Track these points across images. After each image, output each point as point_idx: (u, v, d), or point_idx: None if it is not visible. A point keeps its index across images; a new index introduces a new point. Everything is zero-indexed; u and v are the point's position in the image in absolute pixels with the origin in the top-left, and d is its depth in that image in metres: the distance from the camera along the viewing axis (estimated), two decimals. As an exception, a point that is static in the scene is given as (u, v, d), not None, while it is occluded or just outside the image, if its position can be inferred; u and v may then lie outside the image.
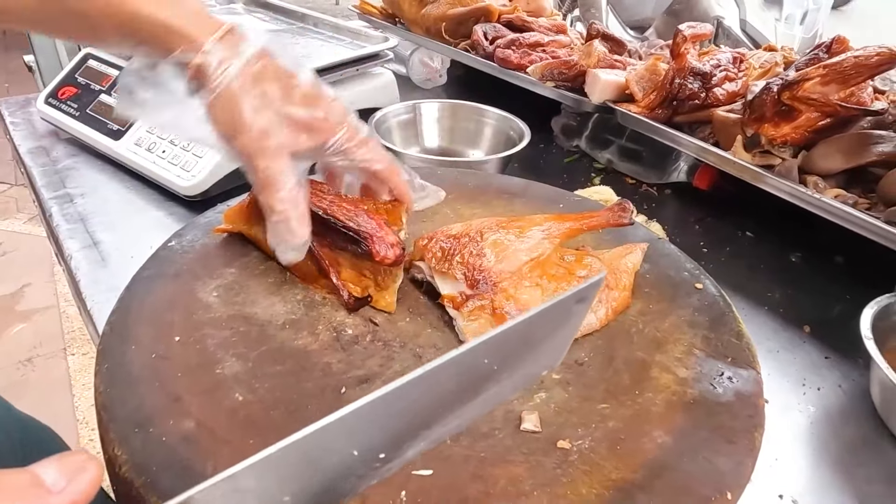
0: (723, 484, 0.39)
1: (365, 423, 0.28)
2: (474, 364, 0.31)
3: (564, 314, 0.34)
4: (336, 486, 0.29)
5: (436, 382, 0.30)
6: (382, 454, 0.30)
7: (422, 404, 0.30)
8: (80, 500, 0.22)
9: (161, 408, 0.41)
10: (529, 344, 0.34)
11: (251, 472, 0.25)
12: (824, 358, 0.69)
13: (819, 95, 0.77)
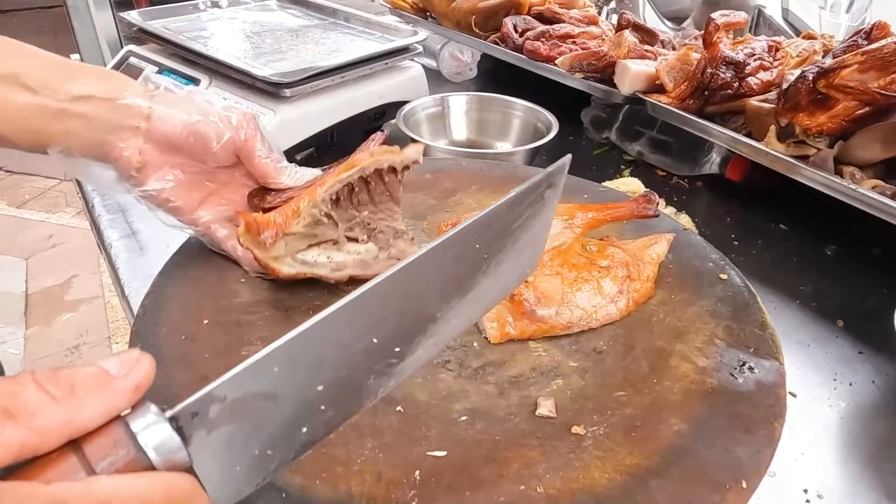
0: (739, 473, 0.39)
1: (376, 305, 0.30)
2: (466, 247, 0.34)
3: (538, 200, 0.38)
4: (360, 381, 0.32)
5: (436, 265, 0.33)
6: (397, 347, 0.32)
7: (425, 290, 0.33)
8: (143, 383, 0.25)
9: (188, 386, 0.43)
10: (511, 232, 0.37)
11: (282, 355, 0.28)
12: (858, 353, 0.67)
13: (857, 83, 0.75)
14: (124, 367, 0.25)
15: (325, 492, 0.36)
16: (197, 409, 0.26)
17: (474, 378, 0.47)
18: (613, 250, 0.54)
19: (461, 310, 0.35)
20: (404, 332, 0.33)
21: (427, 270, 0.33)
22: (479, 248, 0.35)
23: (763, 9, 1.65)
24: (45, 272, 2.40)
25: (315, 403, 0.30)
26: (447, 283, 0.34)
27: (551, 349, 0.49)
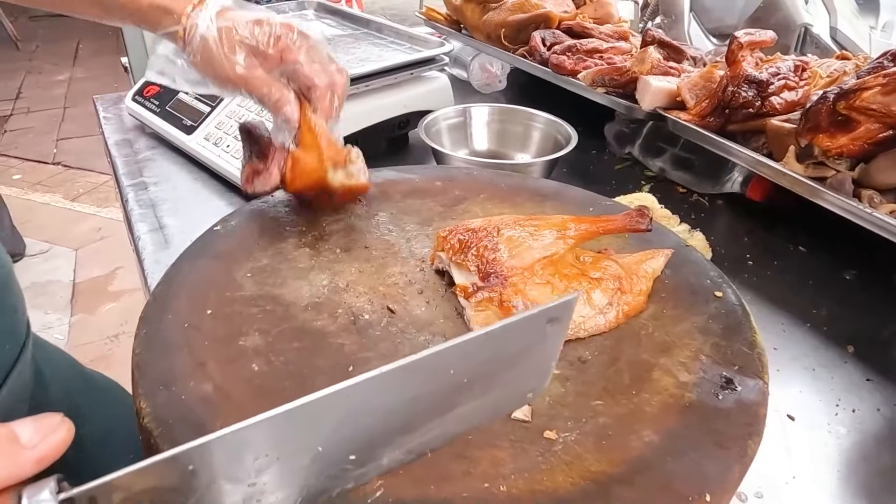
0: (704, 486, 0.39)
1: (335, 411, 0.29)
2: (440, 371, 0.31)
3: (537, 334, 0.34)
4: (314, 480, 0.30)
5: (403, 383, 0.30)
6: (353, 455, 0.30)
7: (393, 404, 0.31)
8: (49, 455, 0.25)
9: (186, 371, 0.46)
10: (502, 360, 0.34)
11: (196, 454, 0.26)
12: (865, 380, 0.66)
13: (879, 106, 0.74)
14: (37, 435, 0.25)
15: (297, 476, 0.38)
16: (95, 495, 0.25)
17: (458, 379, 0.48)
18: (607, 263, 0.55)
19: (440, 426, 0.33)
20: (361, 441, 0.30)
21: (391, 387, 0.30)
22: (453, 373, 0.32)
23: (810, 27, 1.62)
24: (93, 263, 2.52)
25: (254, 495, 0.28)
26: (418, 401, 0.32)
27: (537, 356, 0.50)
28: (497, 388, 0.35)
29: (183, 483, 0.26)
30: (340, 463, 0.31)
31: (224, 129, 0.93)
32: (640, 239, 0.64)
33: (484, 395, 0.34)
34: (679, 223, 0.85)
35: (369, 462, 0.32)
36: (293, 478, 0.29)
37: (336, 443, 0.30)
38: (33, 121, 3.76)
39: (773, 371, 0.65)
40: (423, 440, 0.33)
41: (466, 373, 0.33)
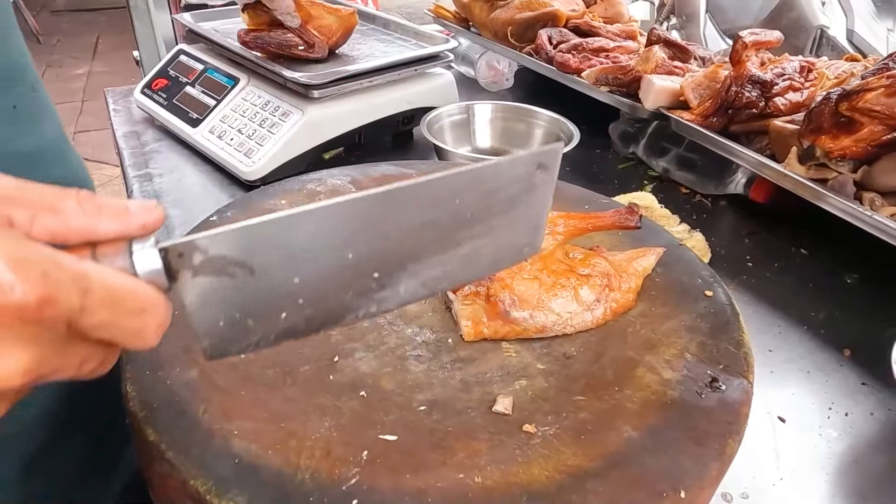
0: (680, 482, 0.39)
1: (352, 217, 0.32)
2: (447, 199, 0.35)
3: (528, 178, 0.37)
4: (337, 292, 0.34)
5: (413, 203, 0.34)
6: (376, 273, 0.34)
7: (403, 222, 0.34)
8: (150, 224, 0.30)
9: (172, 356, 0.46)
10: (497, 200, 0.37)
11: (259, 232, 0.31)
12: (861, 384, 0.65)
13: (883, 107, 0.73)
14: (141, 209, 0.31)
15: (275, 461, 0.39)
16: (182, 251, 0.30)
17: (442, 372, 0.48)
18: (597, 260, 0.55)
19: (447, 262, 0.37)
20: (382, 260, 0.34)
21: (404, 204, 0.34)
22: (458, 203, 0.36)
23: (826, 29, 1.60)
24: (106, 254, 2.55)
25: (293, 294, 0.33)
26: (427, 227, 0.35)
27: (522, 351, 0.51)
28: (495, 233, 0.38)
29: (244, 258, 0.31)
30: (365, 278, 0.34)
31: (228, 122, 0.94)
32: (633, 237, 0.63)
33: (483, 237, 0.37)
34: (679, 223, 0.85)
35: (389, 286, 0.35)
36: (327, 283, 0.33)
37: (360, 255, 0.33)
38: (52, 113, 3.82)
39: (767, 373, 0.65)
40: (432, 274, 0.36)
41: (466, 206, 0.36)
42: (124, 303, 0.27)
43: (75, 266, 0.26)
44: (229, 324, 0.33)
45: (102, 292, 0.27)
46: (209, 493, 0.37)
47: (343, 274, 0.34)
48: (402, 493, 0.38)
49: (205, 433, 0.40)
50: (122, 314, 0.27)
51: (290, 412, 0.43)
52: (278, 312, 0.33)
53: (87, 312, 0.26)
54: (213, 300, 0.32)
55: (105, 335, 0.27)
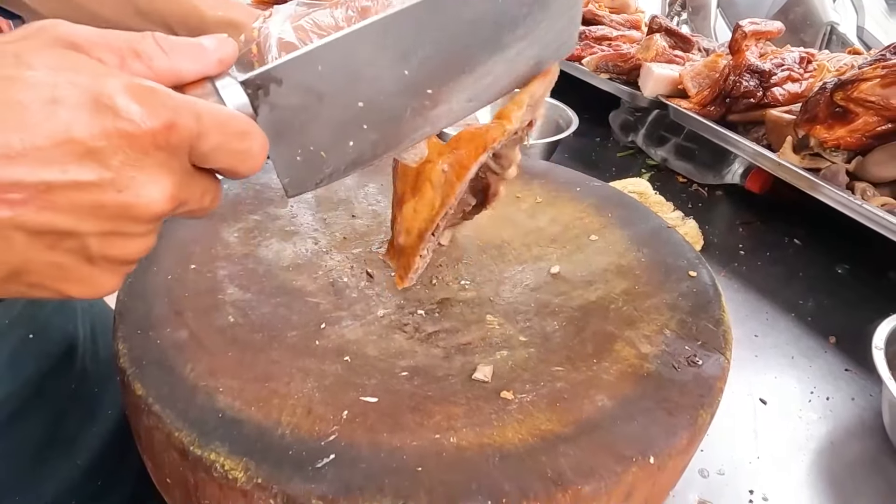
0: (649, 449, 0.40)
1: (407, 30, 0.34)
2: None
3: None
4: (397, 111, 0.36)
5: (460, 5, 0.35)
6: (429, 89, 0.36)
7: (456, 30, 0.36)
8: (226, 58, 0.31)
9: (163, 318, 0.48)
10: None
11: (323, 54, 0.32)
12: (844, 370, 0.66)
13: (878, 98, 0.73)
14: (215, 43, 0.31)
15: (256, 417, 0.40)
16: (260, 83, 0.32)
17: (425, 341, 0.49)
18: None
19: (494, 68, 0.38)
20: (435, 74, 0.36)
21: (452, 7, 0.35)
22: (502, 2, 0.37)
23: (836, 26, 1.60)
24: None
25: (358, 119, 0.35)
26: (475, 29, 0.36)
27: (506, 323, 0.52)
28: (536, 32, 0.39)
29: (314, 84, 0.33)
30: (421, 95, 0.36)
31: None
32: (622, 219, 0.64)
33: (526, 39, 0.39)
34: (673, 210, 0.85)
35: (442, 102, 0.37)
36: (387, 104, 0.36)
37: (414, 69, 0.35)
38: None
39: (751, 357, 0.66)
40: (482, 83, 0.38)
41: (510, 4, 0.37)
42: (230, 126, 0.29)
43: (184, 96, 0.28)
44: (305, 157, 0.35)
45: (211, 118, 0.29)
46: (192, 444, 0.38)
47: (401, 92, 0.36)
48: (378, 450, 0.39)
49: (190, 389, 0.42)
50: (230, 137, 0.29)
51: (274, 373, 0.44)
52: (346, 140, 0.35)
53: (203, 137, 0.28)
54: (290, 133, 0.34)
55: (219, 160, 0.30)
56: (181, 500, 0.42)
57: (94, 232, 0.27)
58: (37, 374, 0.55)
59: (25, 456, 0.54)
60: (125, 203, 0.27)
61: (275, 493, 0.36)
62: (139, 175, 0.27)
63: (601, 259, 0.59)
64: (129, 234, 0.28)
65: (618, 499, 0.39)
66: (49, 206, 0.26)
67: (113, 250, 0.28)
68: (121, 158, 0.26)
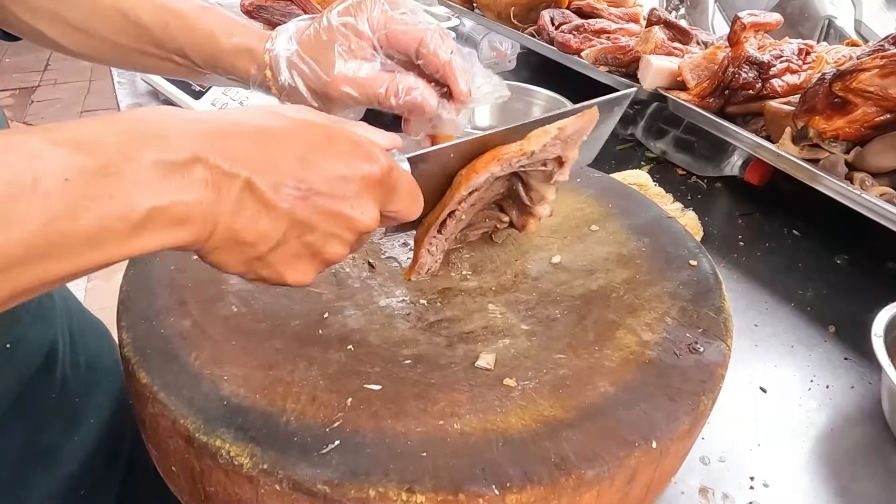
0: (651, 434, 0.40)
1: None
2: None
3: (609, 111, 0.55)
4: None
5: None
6: None
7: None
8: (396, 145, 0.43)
9: (167, 308, 0.48)
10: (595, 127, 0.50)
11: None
12: (843, 359, 0.66)
13: (877, 88, 0.73)
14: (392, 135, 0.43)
15: (261, 404, 0.41)
16: (416, 161, 0.45)
17: (428, 330, 0.50)
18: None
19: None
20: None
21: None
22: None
23: (834, 20, 1.60)
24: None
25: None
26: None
27: (508, 312, 0.52)
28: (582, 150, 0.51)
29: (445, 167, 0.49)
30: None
31: (230, 95, 0.95)
32: (622, 209, 0.64)
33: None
34: (672, 202, 0.86)
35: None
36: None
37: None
38: (60, 92, 3.83)
39: (751, 346, 0.67)
40: None
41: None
42: (412, 182, 0.42)
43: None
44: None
45: (404, 173, 0.41)
46: (198, 431, 0.39)
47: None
48: (383, 436, 0.39)
49: (195, 377, 0.42)
50: (411, 190, 0.42)
51: (278, 361, 0.44)
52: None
53: (400, 185, 0.40)
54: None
55: (400, 206, 0.41)
56: (187, 487, 0.43)
57: (327, 231, 0.37)
58: (16, 384, 0.55)
59: (6, 467, 0.54)
60: (353, 216, 0.37)
61: (280, 479, 0.37)
62: (366, 199, 0.38)
63: (602, 249, 0.59)
64: (343, 240, 0.38)
65: (620, 482, 0.39)
66: (312, 206, 0.35)
67: (328, 249, 0.38)
68: (359, 186, 0.37)
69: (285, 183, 0.34)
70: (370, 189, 0.37)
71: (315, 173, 0.35)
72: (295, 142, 0.35)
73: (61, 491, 0.59)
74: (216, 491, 0.40)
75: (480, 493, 0.36)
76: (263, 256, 0.36)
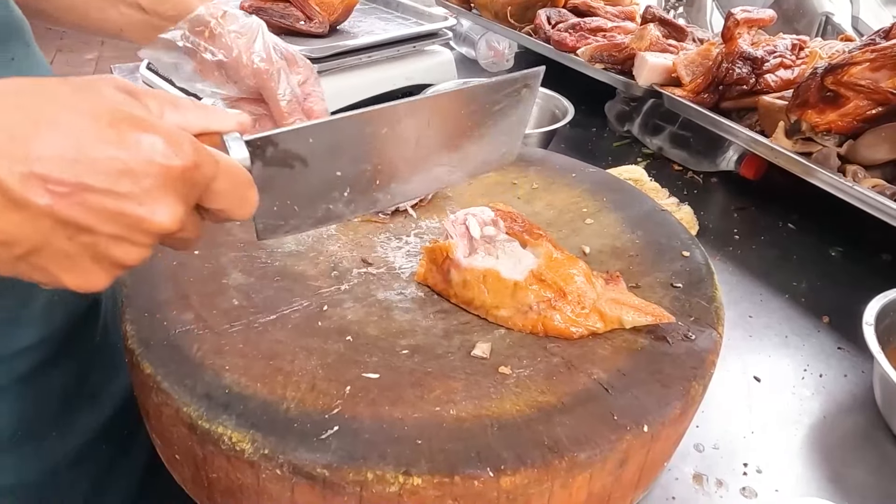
0: (643, 418, 0.41)
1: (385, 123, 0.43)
2: (456, 109, 0.46)
3: (515, 95, 0.49)
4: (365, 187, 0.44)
5: (433, 112, 0.44)
6: (378, 181, 0.45)
7: (421, 128, 0.45)
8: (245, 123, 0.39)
9: (169, 301, 0.49)
10: (491, 112, 0.48)
11: (313, 131, 0.40)
12: (836, 348, 0.67)
13: (868, 82, 0.74)
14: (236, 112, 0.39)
15: (262, 392, 0.42)
16: (260, 144, 0.38)
17: (425, 321, 0.51)
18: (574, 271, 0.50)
19: (448, 162, 0.49)
20: (401, 159, 0.45)
21: (423, 111, 0.44)
22: (464, 113, 0.47)
23: (831, 16, 1.60)
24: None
25: (332, 185, 0.43)
26: (437, 131, 0.46)
27: (503, 304, 0.53)
28: (486, 139, 0.50)
29: (302, 152, 0.40)
30: (370, 184, 0.45)
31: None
32: (616, 202, 0.65)
33: (479, 142, 0.49)
34: (668, 196, 0.87)
35: (406, 182, 0.47)
36: (360, 178, 0.44)
37: (384, 154, 0.44)
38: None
39: (746, 336, 0.68)
40: (439, 171, 0.48)
41: (470, 116, 0.47)
42: (238, 177, 0.36)
43: (208, 147, 0.34)
44: (280, 209, 0.41)
45: (226, 167, 0.35)
46: (200, 419, 0.40)
47: (373, 171, 0.44)
48: (380, 422, 0.40)
49: (197, 367, 0.43)
50: (237, 185, 0.36)
51: (278, 352, 0.45)
52: (320, 200, 0.43)
53: (217, 180, 0.34)
54: (273, 187, 0.40)
55: (222, 202, 0.36)
56: (190, 475, 0.44)
57: (109, 234, 0.32)
58: (66, 326, 0.59)
59: (55, 402, 0.58)
60: (141, 216, 0.32)
61: (281, 464, 0.38)
62: (162, 197, 0.32)
63: (596, 241, 0.60)
64: (135, 242, 0.33)
65: (613, 465, 0.40)
66: (82, 204, 0.30)
67: (117, 252, 0.33)
68: (150, 182, 0.31)
69: (41, 176, 0.29)
70: (169, 184, 0.32)
71: (85, 166, 0.30)
72: (64, 126, 0.30)
73: (104, 428, 0.63)
74: (219, 477, 0.41)
75: (475, 476, 0.37)
76: (25, 258, 0.31)
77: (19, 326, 0.54)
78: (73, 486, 0.60)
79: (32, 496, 0.57)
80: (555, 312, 0.48)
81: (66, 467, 0.59)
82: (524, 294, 0.49)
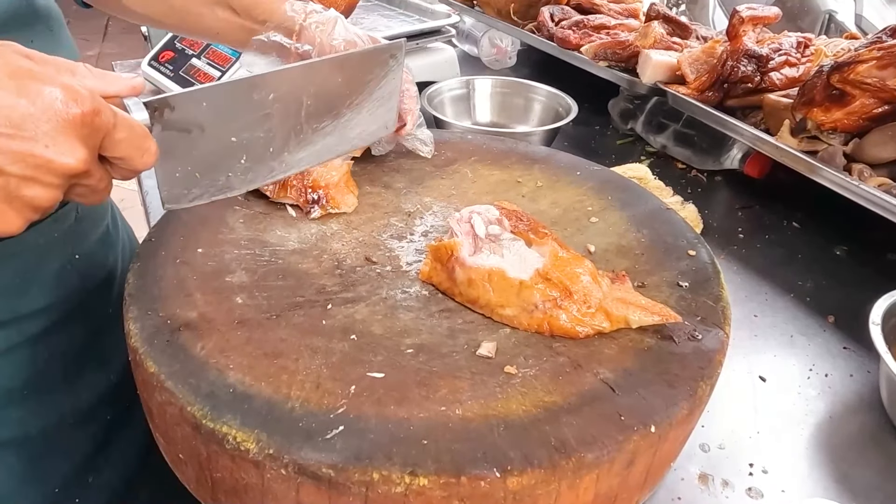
0: (650, 418, 0.41)
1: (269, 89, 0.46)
2: (331, 76, 0.50)
3: (383, 65, 0.54)
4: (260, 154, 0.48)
5: (311, 78, 0.48)
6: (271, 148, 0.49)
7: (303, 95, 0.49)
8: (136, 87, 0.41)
9: (173, 299, 0.49)
10: (364, 82, 0.52)
11: (205, 95, 0.42)
12: (842, 348, 0.67)
13: (875, 80, 0.74)
14: (130, 76, 0.41)
15: (266, 391, 0.41)
16: (157, 106, 0.40)
17: (430, 320, 0.50)
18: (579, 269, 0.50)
19: (329, 133, 0.52)
20: (284, 128, 0.48)
21: (306, 79, 0.48)
22: (340, 81, 0.51)
23: (834, 14, 1.60)
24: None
25: (229, 152, 0.45)
26: (317, 100, 0.49)
27: (508, 303, 0.53)
28: (363, 110, 0.54)
29: (198, 117, 0.42)
30: (280, 142, 0.49)
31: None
32: (621, 201, 0.65)
33: (357, 112, 0.53)
34: (672, 195, 0.86)
35: (293, 151, 0.50)
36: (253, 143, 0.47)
37: (275, 121, 0.47)
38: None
39: (751, 336, 0.67)
40: (325, 141, 0.52)
41: (346, 84, 0.51)
42: (136, 128, 0.39)
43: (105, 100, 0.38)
44: (182, 175, 0.44)
45: (124, 118, 0.38)
46: (205, 418, 0.39)
47: (267, 138, 0.47)
48: (386, 421, 0.40)
49: (201, 366, 0.43)
50: (135, 136, 0.39)
51: (283, 350, 0.45)
52: (219, 167, 0.45)
53: (117, 129, 0.37)
54: (173, 152, 0.42)
55: (124, 150, 0.38)
56: (194, 475, 0.43)
57: (18, 174, 0.35)
58: (80, 291, 0.62)
59: (69, 361, 0.61)
60: (48, 157, 0.35)
61: (286, 463, 0.37)
62: (65, 140, 0.35)
63: (601, 240, 0.60)
64: (44, 183, 0.36)
65: (620, 466, 0.40)
66: None
67: (28, 193, 0.36)
68: (53, 125, 0.35)
69: None
70: (70, 128, 0.35)
71: None
72: None
73: (112, 393, 0.65)
74: (223, 477, 0.40)
75: (482, 476, 0.37)
76: None
77: (31, 289, 0.57)
78: (76, 445, 0.63)
79: (35, 450, 0.59)
80: (561, 312, 0.48)
81: (71, 425, 0.62)
82: (530, 293, 0.49)
